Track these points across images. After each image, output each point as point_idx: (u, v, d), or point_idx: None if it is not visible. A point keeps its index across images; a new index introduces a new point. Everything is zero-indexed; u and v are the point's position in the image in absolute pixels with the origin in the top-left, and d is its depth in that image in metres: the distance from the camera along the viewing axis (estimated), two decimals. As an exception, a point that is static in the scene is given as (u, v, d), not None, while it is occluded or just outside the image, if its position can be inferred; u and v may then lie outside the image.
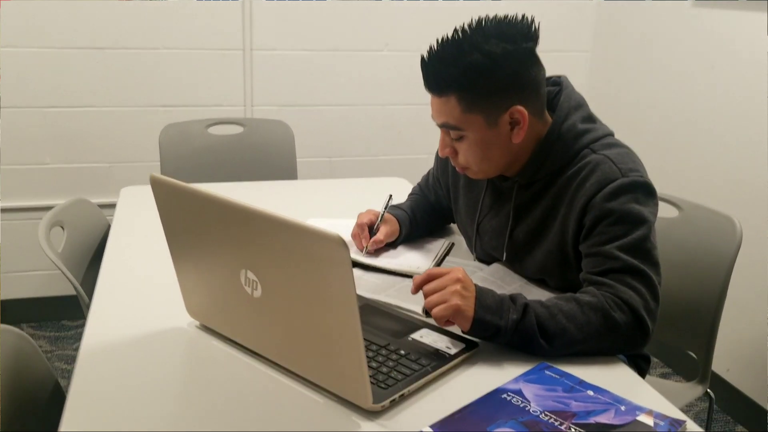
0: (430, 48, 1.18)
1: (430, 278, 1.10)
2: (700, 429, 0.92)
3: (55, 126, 2.54)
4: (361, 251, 1.42)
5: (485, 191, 1.39)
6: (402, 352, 1.03)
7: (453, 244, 1.52)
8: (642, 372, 1.44)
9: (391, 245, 1.48)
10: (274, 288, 0.91)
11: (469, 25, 1.17)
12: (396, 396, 0.93)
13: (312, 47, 2.68)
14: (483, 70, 1.15)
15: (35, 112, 2.51)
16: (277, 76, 2.69)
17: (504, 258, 1.36)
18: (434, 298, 1.06)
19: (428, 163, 1.63)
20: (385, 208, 1.46)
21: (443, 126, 1.23)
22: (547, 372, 1.03)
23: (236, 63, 2.66)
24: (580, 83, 2.84)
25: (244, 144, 2.39)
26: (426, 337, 1.09)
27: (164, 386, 0.96)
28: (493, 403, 0.94)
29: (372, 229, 1.43)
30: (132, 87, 2.56)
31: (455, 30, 1.17)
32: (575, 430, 0.89)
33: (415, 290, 1.11)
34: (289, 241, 0.85)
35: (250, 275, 0.93)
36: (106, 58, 2.51)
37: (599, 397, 0.96)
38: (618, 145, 1.25)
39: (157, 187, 1.00)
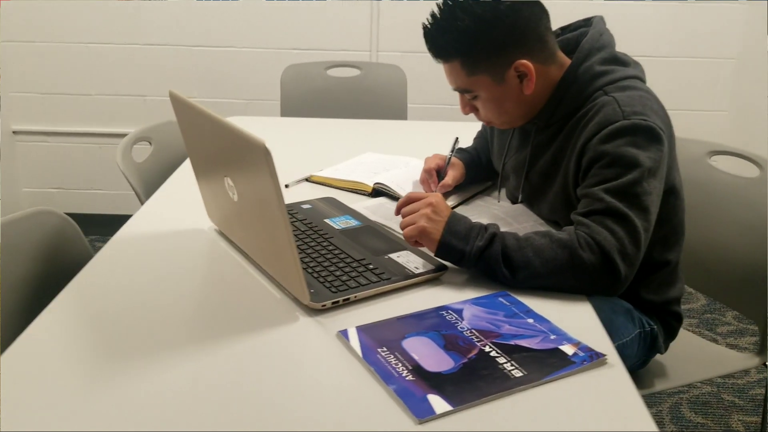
0: (429, 17, 1.21)
1: (408, 201, 1.17)
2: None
3: (200, 64, 2.86)
4: None
5: (513, 133, 1.40)
6: (371, 266, 1.12)
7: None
8: (671, 330, 1.39)
9: (458, 188, 1.51)
10: (241, 192, 1.05)
11: None
12: (340, 299, 1.03)
13: None
14: (477, 33, 1.18)
15: (185, 50, 2.85)
16: (401, 23, 2.79)
17: (520, 199, 1.38)
18: (407, 219, 1.14)
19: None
20: (452, 152, 1.50)
21: (456, 90, 1.27)
22: (500, 299, 1.07)
23: (364, 10, 2.79)
24: (723, 91, 2.66)
25: (360, 86, 2.53)
26: (403, 257, 1.16)
27: (169, 275, 1.14)
28: (428, 317, 1.01)
29: (440, 174, 1.47)
30: (267, 31, 2.80)
31: None
32: (490, 347, 0.93)
33: (397, 212, 1.19)
34: (236, 148, 0.97)
35: (229, 181, 1.07)
36: (248, 4, 2.76)
37: (537, 325, 0.99)
38: (634, 87, 1.21)
39: (175, 103, 1.17)
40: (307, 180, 1.58)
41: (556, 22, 1.29)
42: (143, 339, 0.95)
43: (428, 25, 1.21)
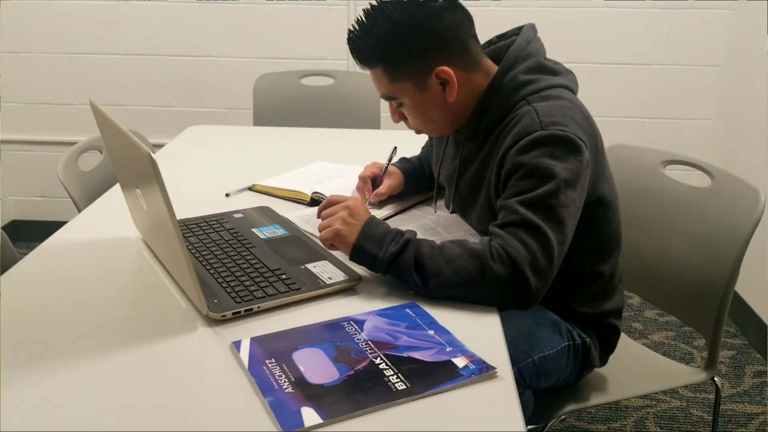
0: (354, 23, 1.21)
1: (328, 204, 1.17)
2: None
3: (180, 73, 2.88)
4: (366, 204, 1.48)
5: (447, 142, 1.40)
6: (284, 276, 1.12)
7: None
8: (608, 343, 1.37)
9: (396, 197, 1.50)
10: (147, 202, 1.05)
11: None
12: (241, 309, 1.02)
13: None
14: (396, 39, 1.17)
15: (164, 59, 2.87)
16: None
17: (451, 209, 1.37)
18: (324, 222, 1.14)
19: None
20: (389, 161, 1.50)
21: (382, 97, 1.27)
22: (407, 310, 1.06)
23: (341, 17, 2.80)
24: (707, 97, 2.64)
25: (334, 95, 2.53)
26: (319, 267, 1.16)
27: (87, 281, 1.14)
28: (328, 328, 1.00)
29: (377, 183, 1.47)
30: (245, 39, 2.81)
31: (370, 2, 1.19)
32: (381, 359, 0.92)
33: (318, 215, 1.19)
34: (135, 158, 0.98)
35: (138, 191, 1.07)
36: (223, 11, 2.78)
37: (436, 337, 0.98)
38: (558, 97, 1.20)
39: (94, 112, 1.17)
40: (249, 189, 1.58)
41: (544, 32, 1.29)
42: (46, 341, 0.95)
43: (352, 31, 1.21)
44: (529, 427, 1.34)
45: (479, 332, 1.01)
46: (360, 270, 1.15)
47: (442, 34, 1.18)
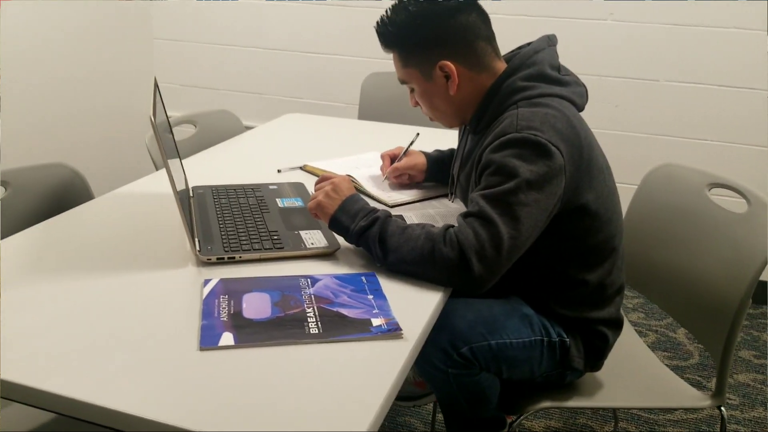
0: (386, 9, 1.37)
1: (321, 180, 1.35)
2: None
3: (310, 68, 3.18)
4: (383, 180, 1.65)
5: (462, 135, 1.51)
6: (275, 237, 1.30)
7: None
8: (595, 349, 1.41)
9: (419, 186, 1.64)
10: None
11: None
12: (225, 256, 1.22)
13: (530, 13, 2.82)
14: (407, 29, 1.31)
15: (299, 56, 3.18)
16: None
17: (452, 200, 1.48)
18: (313, 194, 1.32)
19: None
20: (410, 144, 1.66)
21: (399, 80, 1.42)
22: (363, 277, 1.20)
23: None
24: (758, 122, 2.49)
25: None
26: (309, 235, 1.33)
27: (132, 217, 1.41)
28: (286, 280, 1.17)
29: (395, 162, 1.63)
30: (355, 38, 3.04)
31: None
32: (312, 309, 1.08)
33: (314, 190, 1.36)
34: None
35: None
36: (348, 12, 3.03)
37: (372, 301, 1.12)
38: (546, 105, 1.27)
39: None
40: (301, 168, 1.78)
41: (602, 47, 1.38)
42: (72, 257, 1.21)
43: (381, 17, 1.36)
44: (510, 419, 1.42)
45: (414, 305, 1.12)
46: (342, 242, 1.31)
47: (450, 32, 1.30)
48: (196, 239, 1.27)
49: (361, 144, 2.04)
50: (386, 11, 1.35)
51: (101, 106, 3.05)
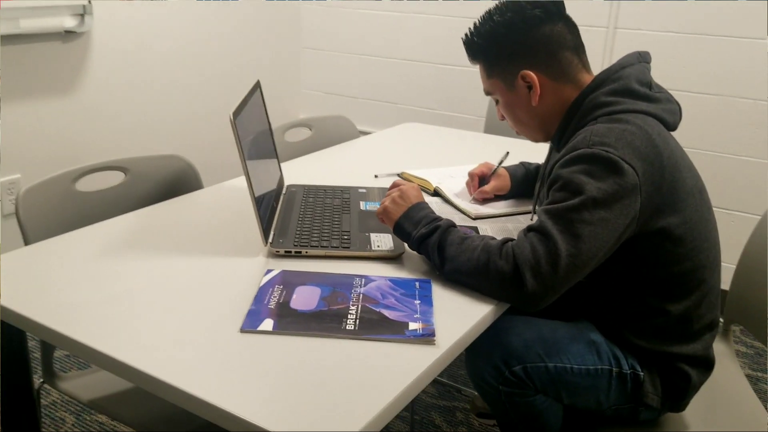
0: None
1: (392, 187, 1.38)
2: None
3: (444, 81, 3.22)
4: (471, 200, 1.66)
5: (549, 152, 1.47)
6: (345, 237, 1.35)
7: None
8: (676, 389, 1.31)
9: (505, 198, 1.65)
10: (254, 157, 1.38)
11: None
12: (292, 250, 1.29)
13: (676, 29, 2.67)
14: (491, 39, 1.32)
15: (432, 67, 3.24)
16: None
17: (532, 219, 1.44)
18: (383, 200, 1.35)
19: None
20: (499, 163, 1.66)
21: (485, 93, 1.42)
22: (417, 282, 1.21)
23: (598, 44, 2.85)
24: None
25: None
26: (379, 238, 1.36)
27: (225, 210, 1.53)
28: (342, 278, 1.21)
29: (484, 182, 1.65)
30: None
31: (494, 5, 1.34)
32: (357, 307, 1.11)
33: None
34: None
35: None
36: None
37: (417, 306, 1.13)
38: (626, 121, 1.22)
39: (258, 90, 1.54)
40: (398, 175, 1.82)
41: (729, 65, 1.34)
42: (166, 238, 1.34)
43: (470, 27, 1.38)
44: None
45: (460, 316, 1.12)
46: (408, 248, 1.32)
47: (533, 42, 1.29)
48: (272, 232, 1.35)
49: (471, 157, 2.04)
50: (474, 23, 1.36)
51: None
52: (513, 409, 1.28)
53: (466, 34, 1.37)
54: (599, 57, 2.86)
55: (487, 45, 1.33)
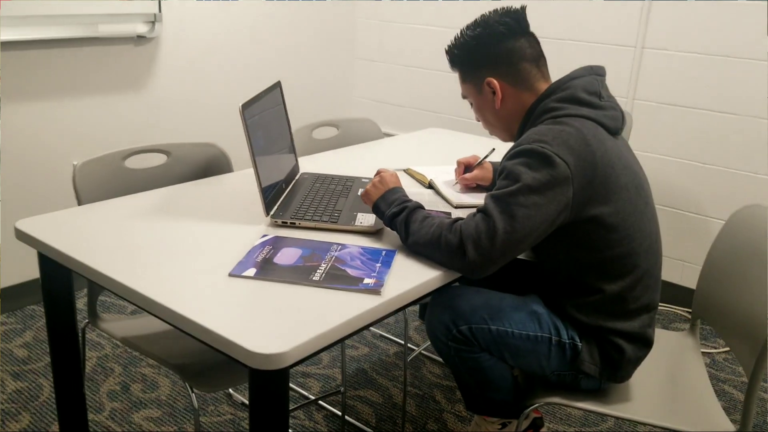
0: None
1: (377, 174, 1.62)
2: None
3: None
4: (455, 184, 1.89)
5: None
6: (336, 213, 1.61)
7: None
8: (610, 360, 1.50)
9: (484, 189, 1.88)
10: (265, 144, 1.66)
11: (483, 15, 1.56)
12: (288, 221, 1.56)
13: (702, 50, 2.81)
14: (463, 50, 1.56)
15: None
16: (670, 74, 2.93)
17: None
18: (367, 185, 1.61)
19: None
20: (484, 157, 1.89)
21: (462, 96, 1.65)
22: (384, 252, 1.46)
23: (626, 60, 3.01)
24: None
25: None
26: (364, 216, 1.61)
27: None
28: (323, 244, 1.47)
29: (469, 170, 1.88)
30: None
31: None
32: (326, 265, 1.36)
33: (372, 182, 1.65)
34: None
35: (268, 138, 1.69)
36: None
37: (377, 268, 1.37)
38: (567, 124, 1.42)
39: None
40: (404, 171, 2.07)
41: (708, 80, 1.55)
42: (191, 209, 1.64)
43: (451, 40, 1.61)
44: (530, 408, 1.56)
45: (411, 278, 1.35)
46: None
47: (497, 54, 1.52)
48: (275, 207, 1.63)
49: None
50: (454, 37, 1.60)
51: (295, 108, 3.61)
52: (462, 363, 1.50)
53: (448, 45, 1.61)
54: (626, 74, 3.03)
55: (461, 55, 1.57)
